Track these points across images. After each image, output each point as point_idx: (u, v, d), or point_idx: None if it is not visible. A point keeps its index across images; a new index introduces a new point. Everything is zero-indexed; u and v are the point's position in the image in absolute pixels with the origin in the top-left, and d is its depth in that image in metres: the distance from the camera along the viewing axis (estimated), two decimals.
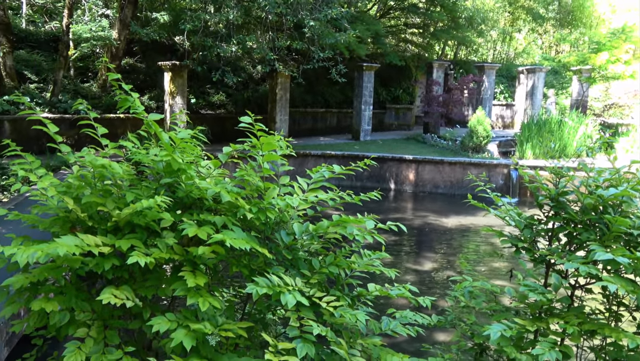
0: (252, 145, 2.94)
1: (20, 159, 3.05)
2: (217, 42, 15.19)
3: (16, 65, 16.83)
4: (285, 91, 18.82)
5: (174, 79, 16.12)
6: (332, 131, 24.30)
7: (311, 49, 16.07)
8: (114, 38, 17.19)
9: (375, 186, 17.02)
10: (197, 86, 20.54)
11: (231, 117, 20.09)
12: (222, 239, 2.33)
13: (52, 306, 2.44)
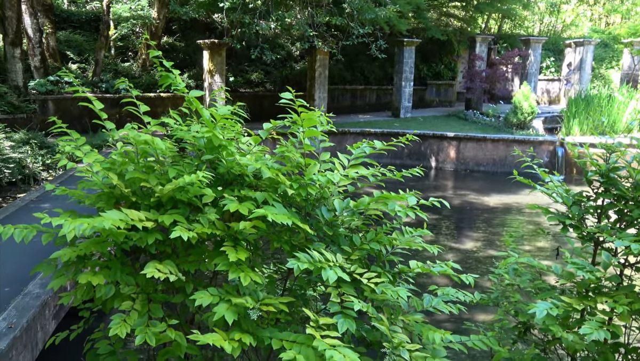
0: (292, 121, 2.94)
1: (66, 137, 3.13)
2: (256, 20, 15.19)
3: (59, 45, 17.24)
4: (324, 68, 18.73)
5: (212, 57, 16.23)
6: (371, 109, 24.11)
7: (350, 24, 15.89)
8: (153, 17, 17.40)
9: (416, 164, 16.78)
10: (236, 64, 20.65)
11: (269, 95, 20.17)
12: (263, 214, 2.35)
13: (99, 279, 2.52)
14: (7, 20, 13.86)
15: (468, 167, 17.47)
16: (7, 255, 6.25)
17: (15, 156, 10.99)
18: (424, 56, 25.91)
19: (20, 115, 13.83)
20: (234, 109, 2.90)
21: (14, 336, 4.51)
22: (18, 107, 13.92)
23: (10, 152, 10.99)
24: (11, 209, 8.36)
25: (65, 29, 18.59)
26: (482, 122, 19.72)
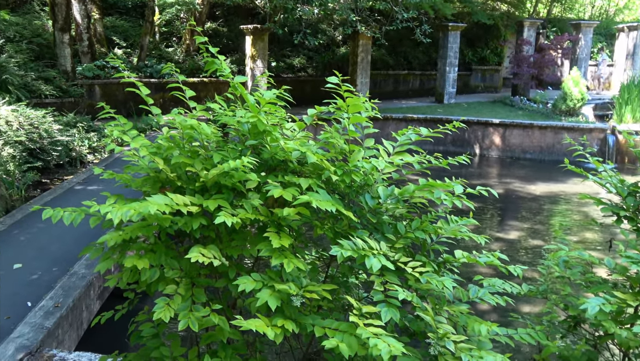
0: (337, 107, 2.91)
1: (114, 121, 3.19)
2: (299, 5, 15.15)
3: (105, 31, 17.63)
4: (366, 53, 18.56)
5: (255, 43, 16.29)
6: (414, 94, 23.81)
7: (394, 9, 15.67)
8: (198, 3, 17.57)
9: (459, 151, 16.58)
10: (278, 49, 20.69)
11: (311, 80, 20.14)
12: (308, 200, 2.34)
13: (144, 263, 2.56)
14: (57, 7, 14.24)
15: (514, 154, 17.07)
16: (54, 236, 6.47)
17: (63, 139, 11.33)
18: (469, 41, 25.37)
19: (68, 99, 14.24)
20: (279, 93, 2.89)
21: (60, 315, 4.68)
22: (66, 91, 14.33)
23: (59, 135, 11.33)
24: (59, 190, 8.65)
25: (112, 15, 18.97)
26: (530, 109, 19.21)
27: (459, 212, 2.89)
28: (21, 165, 9.94)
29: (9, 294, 4.95)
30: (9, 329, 4.36)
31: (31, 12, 17.13)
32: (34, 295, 4.98)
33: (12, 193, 8.98)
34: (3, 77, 12.36)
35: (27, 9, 17.24)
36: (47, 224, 6.78)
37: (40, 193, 9.47)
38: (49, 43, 15.31)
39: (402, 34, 21.18)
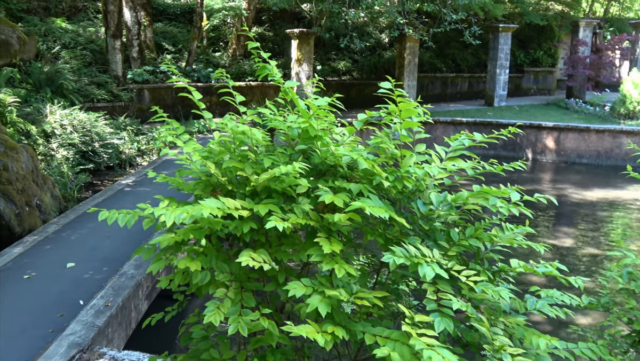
0: (387, 111, 2.89)
1: (166, 125, 3.26)
2: (345, 8, 15.17)
3: (155, 37, 18.10)
4: (413, 56, 18.42)
5: (301, 47, 16.41)
6: (462, 97, 23.47)
7: (443, 11, 15.50)
8: (244, 8, 17.83)
9: (510, 155, 16.25)
10: (323, 52, 20.77)
11: (357, 84, 20.13)
12: (361, 206, 2.33)
13: (196, 265, 2.60)
14: (109, 15, 14.73)
15: (569, 159, 16.59)
16: (104, 236, 6.67)
17: (113, 142, 11.69)
18: (520, 42, 24.84)
19: (118, 103, 14.69)
20: (332, 100, 2.89)
21: (110, 313, 4.81)
22: (117, 95, 14.78)
23: (109, 138, 11.70)
24: (109, 192, 8.91)
25: (161, 21, 19.47)
26: (585, 112, 18.63)
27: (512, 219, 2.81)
28: (74, 167, 10.31)
29: (62, 292, 5.13)
30: (62, 326, 4.51)
31: (85, 19, 17.76)
32: (85, 294, 5.13)
33: (65, 194, 9.31)
34: (59, 82, 12.85)
35: (82, 17, 17.88)
36: (98, 224, 7.00)
37: (92, 194, 9.79)
38: (101, 49, 15.83)
39: (450, 36, 20.93)
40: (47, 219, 7.98)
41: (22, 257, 5.98)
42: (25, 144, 9.35)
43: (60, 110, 11.44)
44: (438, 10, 15.74)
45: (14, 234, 7.18)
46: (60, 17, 16.94)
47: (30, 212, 7.68)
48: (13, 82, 11.91)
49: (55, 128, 10.83)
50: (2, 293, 5.03)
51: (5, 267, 5.69)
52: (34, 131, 10.33)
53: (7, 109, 10.07)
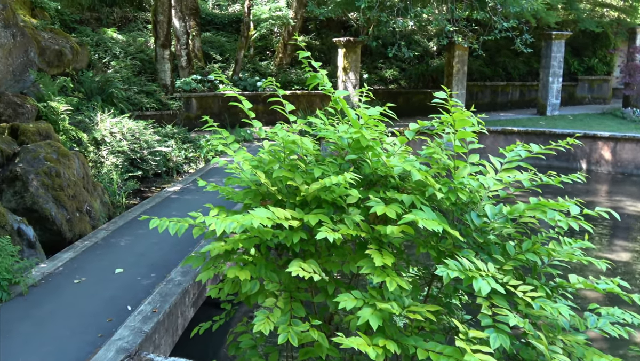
0: (440, 121, 2.87)
1: (216, 135, 3.32)
2: (393, 17, 15.15)
3: (203, 46, 18.49)
4: (462, 64, 18.20)
5: (347, 55, 16.46)
6: (513, 106, 23.05)
7: (493, 18, 15.27)
8: (291, 17, 18.04)
9: (564, 166, 15.83)
10: (370, 60, 20.77)
11: (404, 93, 20.04)
12: (414, 219, 2.32)
13: (245, 275, 2.64)
14: (159, 25, 15.14)
15: (625, 170, 16.02)
16: (152, 243, 6.81)
17: (161, 150, 11.97)
18: (574, 50, 24.23)
19: (166, 111, 15.04)
20: (384, 109, 2.89)
21: (157, 320, 4.89)
22: (165, 104, 15.15)
23: (157, 145, 11.98)
24: (157, 199, 9.11)
25: (209, 31, 19.89)
26: None
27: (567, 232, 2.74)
28: (123, 174, 10.60)
29: (110, 298, 5.25)
30: (110, 331, 4.62)
31: (135, 29, 18.30)
32: (133, 299, 5.24)
33: (113, 200, 9.58)
34: (109, 91, 13.26)
35: (132, 27, 18.44)
36: (146, 231, 7.16)
37: (140, 200, 10.03)
38: (150, 58, 16.28)
39: (500, 44, 20.60)
40: (97, 225, 8.22)
41: (73, 262, 6.17)
42: (77, 151, 9.68)
43: (110, 118, 11.79)
44: (488, 18, 15.52)
45: (65, 239, 7.43)
46: (111, 27, 17.52)
47: (80, 218, 7.93)
48: (66, 90, 12.35)
49: (105, 136, 11.17)
50: (54, 297, 5.20)
51: (57, 271, 5.88)
52: (85, 138, 10.68)
53: (60, 117, 10.45)
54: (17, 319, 4.68)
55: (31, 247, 6.83)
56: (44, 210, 7.35)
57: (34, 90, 10.84)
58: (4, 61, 10.12)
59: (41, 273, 5.74)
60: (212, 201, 8.29)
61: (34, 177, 7.56)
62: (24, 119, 9.45)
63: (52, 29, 13.50)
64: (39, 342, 4.31)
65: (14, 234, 6.58)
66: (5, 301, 4.99)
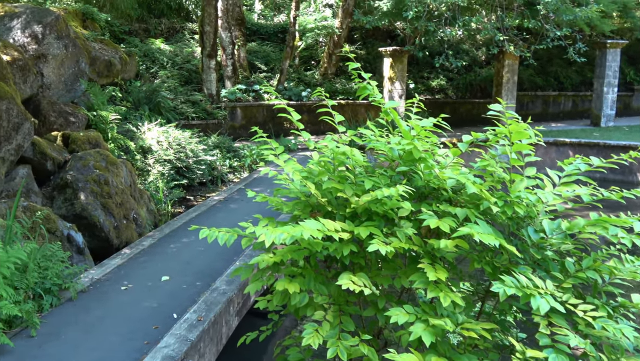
0: (494, 133, 2.83)
1: (265, 145, 3.36)
2: (441, 26, 15.06)
3: (248, 56, 18.79)
4: (512, 74, 17.91)
5: (393, 65, 16.43)
6: (565, 116, 22.53)
7: (545, 27, 15.00)
8: (337, 27, 18.15)
9: (619, 179, 15.32)
10: (416, 70, 20.68)
11: (451, 103, 19.86)
12: (469, 233, 2.29)
13: (294, 287, 2.65)
14: (205, 35, 15.48)
15: None
16: (197, 251, 6.92)
17: (206, 159, 12.18)
18: (630, 59, 23.54)
19: (212, 121, 15.32)
20: (437, 120, 2.87)
21: (203, 328, 4.95)
22: (210, 113, 15.43)
23: (203, 155, 12.20)
24: (202, 208, 9.26)
25: (255, 41, 20.20)
26: None
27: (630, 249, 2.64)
28: (169, 182, 10.83)
29: (156, 305, 5.36)
30: (156, 338, 4.70)
31: (182, 40, 18.75)
32: (179, 307, 5.33)
33: (159, 208, 9.80)
34: (156, 100, 13.61)
35: (179, 38, 18.90)
36: (192, 239, 7.29)
37: (185, 209, 10.22)
38: (196, 68, 16.63)
39: (552, 53, 20.20)
40: (143, 232, 8.41)
41: (120, 269, 6.33)
42: (124, 159, 9.96)
43: (157, 127, 12.09)
44: (540, 27, 15.24)
45: (112, 246, 7.63)
46: (159, 38, 17.99)
47: (127, 225, 8.13)
48: (114, 100, 12.74)
49: (152, 144, 11.45)
50: (102, 303, 5.33)
51: (105, 278, 6.04)
52: (132, 147, 10.97)
53: (109, 126, 10.78)
54: (67, 324, 4.82)
55: (80, 253, 7.04)
56: (93, 217, 7.57)
57: (84, 99, 11.22)
58: (56, 71, 10.51)
59: (90, 279, 5.91)
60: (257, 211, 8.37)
61: (84, 185, 7.80)
62: (74, 127, 9.78)
63: (102, 39, 13.96)
64: (88, 347, 4.42)
65: (63, 240, 6.80)
66: (55, 306, 5.14)
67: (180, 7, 20.19)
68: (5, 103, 7.23)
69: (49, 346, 4.41)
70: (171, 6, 19.94)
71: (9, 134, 7.31)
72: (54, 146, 8.52)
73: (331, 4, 20.31)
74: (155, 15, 19.58)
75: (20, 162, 7.76)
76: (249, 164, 13.08)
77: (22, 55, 9.09)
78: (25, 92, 8.99)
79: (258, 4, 23.26)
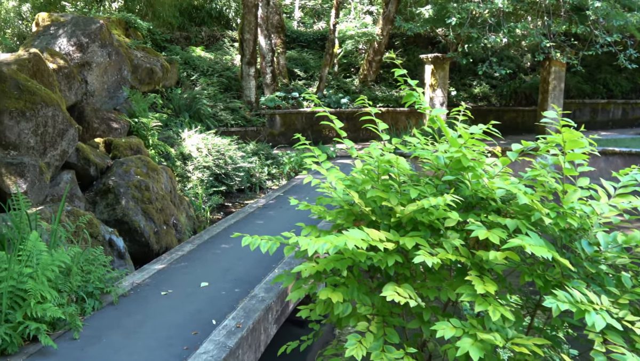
0: (545, 142, 2.77)
1: (309, 153, 3.37)
2: (485, 33, 14.88)
3: (287, 63, 18.94)
4: (559, 81, 17.55)
5: (435, 72, 16.30)
6: (615, 125, 21.95)
7: (594, 32, 14.66)
8: (377, 34, 18.15)
9: None
10: (458, 77, 20.49)
11: (494, 110, 19.60)
12: (520, 245, 2.24)
13: (338, 296, 2.64)
14: (245, 43, 15.68)
15: None
16: (236, 257, 6.97)
17: (245, 166, 12.30)
18: None
19: (251, 128, 15.48)
20: (487, 128, 2.83)
21: (241, 335, 4.97)
22: (249, 120, 15.60)
23: (241, 161, 12.32)
24: (241, 214, 9.34)
25: (294, 48, 20.36)
26: None
27: None
28: (208, 188, 10.98)
29: (196, 311, 5.41)
30: (195, 344, 4.74)
31: (222, 48, 19.04)
32: (218, 314, 5.36)
33: (198, 214, 9.93)
34: (196, 107, 13.83)
35: (219, 45, 19.20)
36: (231, 245, 7.35)
37: (224, 215, 10.33)
38: (236, 76, 16.85)
39: (601, 59, 19.75)
40: (182, 238, 8.53)
41: (160, 274, 6.42)
42: (165, 165, 10.14)
43: (197, 134, 12.28)
44: (588, 32, 14.91)
45: (152, 251, 7.77)
46: (199, 46, 18.31)
47: (167, 231, 8.27)
48: (155, 107, 13.00)
49: (192, 151, 11.63)
50: (143, 307, 5.42)
51: (145, 282, 6.13)
52: (172, 153, 11.17)
53: (150, 133, 11.00)
54: (108, 327, 4.91)
55: (121, 258, 7.19)
56: (134, 222, 7.72)
57: (126, 106, 11.48)
58: (99, 79, 10.81)
59: (130, 283, 6.01)
60: (295, 218, 8.40)
61: (125, 190, 7.97)
62: (116, 134, 10.01)
63: (144, 48, 14.29)
64: (129, 351, 4.49)
65: (105, 244, 6.95)
66: (97, 310, 5.25)
67: (220, 15, 20.53)
68: (51, 110, 7.46)
69: (91, 349, 4.50)
70: (212, 14, 20.30)
71: (54, 140, 7.54)
72: (96, 152, 8.74)
73: (372, 11, 20.33)
74: (196, 23, 19.96)
75: (64, 168, 7.99)
76: (287, 171, 13.15)
77: (67, 64, 9.38)
78: (69, 99, 9.27)
79: (298, 12, 23.45)
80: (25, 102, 7.23)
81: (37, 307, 4.42)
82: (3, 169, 6.53)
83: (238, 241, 7.38)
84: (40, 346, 4.49)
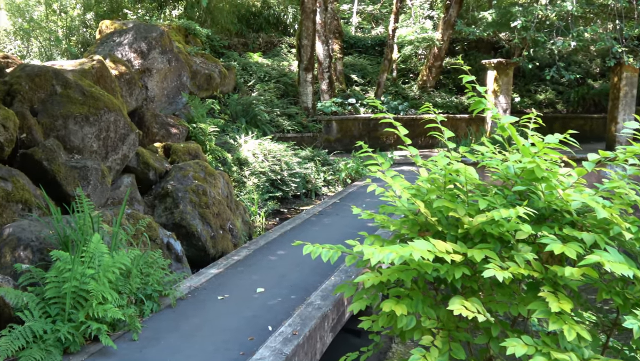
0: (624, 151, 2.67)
1: (371, 160, 3.36)
2: (552, 37, 14.50)
3: (344, 69, 18.99)
4: (631, 87, 16.88)
5: (498, 78, 15.99)
6: None
7: None
8: (437, 39, 17.97)
9: None
10: (522, 83, 20.04)
11: (560, 118, 19.06)
12: (599, 261, 2.15)
13: (401, 309, 2.60)
14: (302, 49, 15.83)
15: None
16: (292, 264, 7.01)
17: (300, 172, 12.38)
18: None
19: (307, 134, 15.58)
20: (564, 137, 2.75)
21: (297, 343, 4.99)
22: (306, 126, 15.72)
23: (297, 167, 12.42)
24: (297, 221, 9.39)
25: (352, 54, 20.40)
26: None
27: None
28: (263, 194, 11.11)
29: (252, 316, 5.46)
30: (251, 350, 4.79)
31: (279, 54, 19.29)
32: (274, 320, 5.40)
33: (254, 220, 10.05)
34: (253, 113, 14.04)
35: (276, 52, 19.46)
36: (287, 252, 7.40)
37: (279, 221, 10.42)
38: (293, 82, 17.02)
39: None
40: (238, 243, 8.66)
41: (217, 278, 6.53)
42: (222, 170, 10.33)
43: (254, 139, 12.45)
44: None
45: (208, 255, 7.91)
46: (257, 52, 18.61)
47: (223, 235, 8.40)
48: (213, 112, 13.27)
49: (248, 156, 11.80)
50: (200, 311, 5.52)
51: (202, 286, 6.25)
52: (229, 158, 11.36)
53: (208, 138, 11.23)
54: (166, 330, 5.02)
55: (178, 261, 7.35)
56: (191, 226, 7.89)
57: (185, 112, 11.77)
58: (159, 85, 11.13)
59: (188, 286, 6.13)
60: (352, 226, 8.38)
61: (183, 195, 8.16)
62: (175, 139, 10.28)
63: (203, 54, 14.64)
64: (187, 354, 4.58)
65: (163, 248, 7.13)
66: (155, 312, 5.38)
67: (278, 21, 20.81)
68: (113, 115, 7.73)
69: (149, 351, 4.61)
70: (269, 20, 20.61)
71: (115, 144, 7.80)
72: (156, 156, 8.99)
73: (432, 16, 20.15)
74: (254, 29, 20.30)
75: (124, 172, 8.25)
76: (343, 178, 13.16)
77: (128, 70, 9.71)
78: (130, 105, 9.58)
79: (355, 17, 23.50)
80: (89, 107, 7.51)
81: (98, 308, 4.56)
82: (67, 172, 6.80)
83: (294, 248, 7.43)
84: (100, 346, 4.64)
